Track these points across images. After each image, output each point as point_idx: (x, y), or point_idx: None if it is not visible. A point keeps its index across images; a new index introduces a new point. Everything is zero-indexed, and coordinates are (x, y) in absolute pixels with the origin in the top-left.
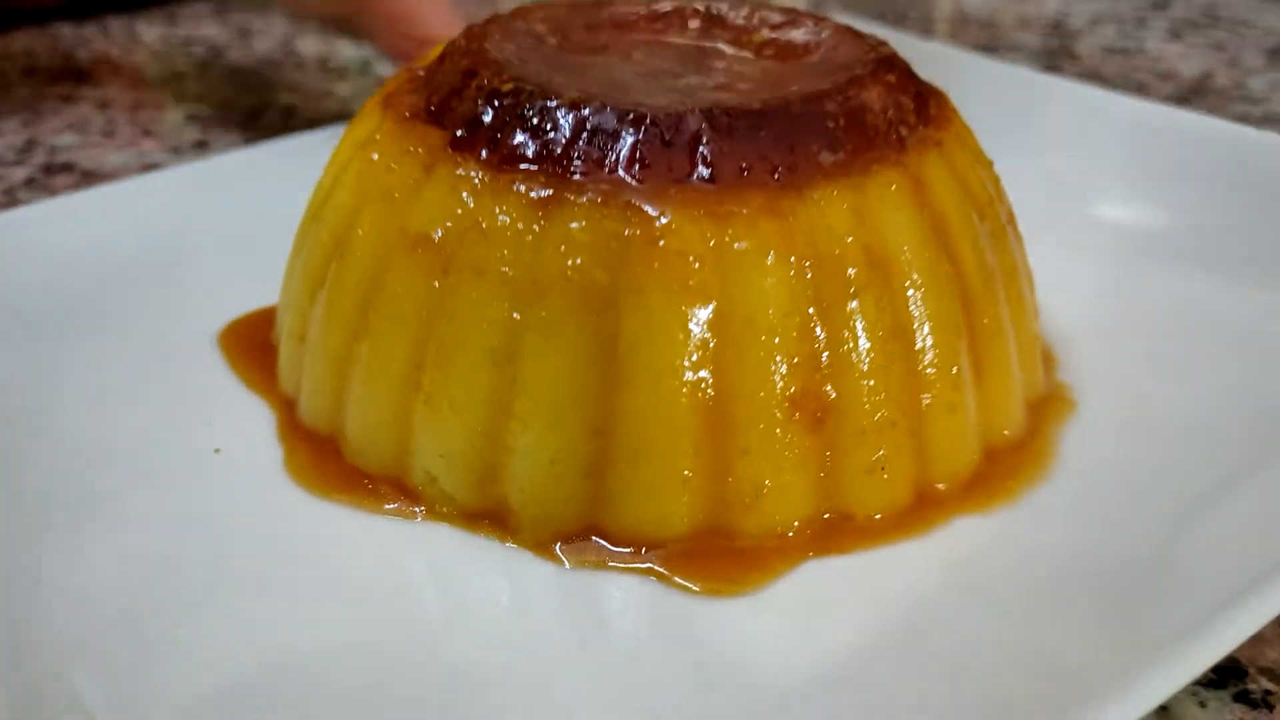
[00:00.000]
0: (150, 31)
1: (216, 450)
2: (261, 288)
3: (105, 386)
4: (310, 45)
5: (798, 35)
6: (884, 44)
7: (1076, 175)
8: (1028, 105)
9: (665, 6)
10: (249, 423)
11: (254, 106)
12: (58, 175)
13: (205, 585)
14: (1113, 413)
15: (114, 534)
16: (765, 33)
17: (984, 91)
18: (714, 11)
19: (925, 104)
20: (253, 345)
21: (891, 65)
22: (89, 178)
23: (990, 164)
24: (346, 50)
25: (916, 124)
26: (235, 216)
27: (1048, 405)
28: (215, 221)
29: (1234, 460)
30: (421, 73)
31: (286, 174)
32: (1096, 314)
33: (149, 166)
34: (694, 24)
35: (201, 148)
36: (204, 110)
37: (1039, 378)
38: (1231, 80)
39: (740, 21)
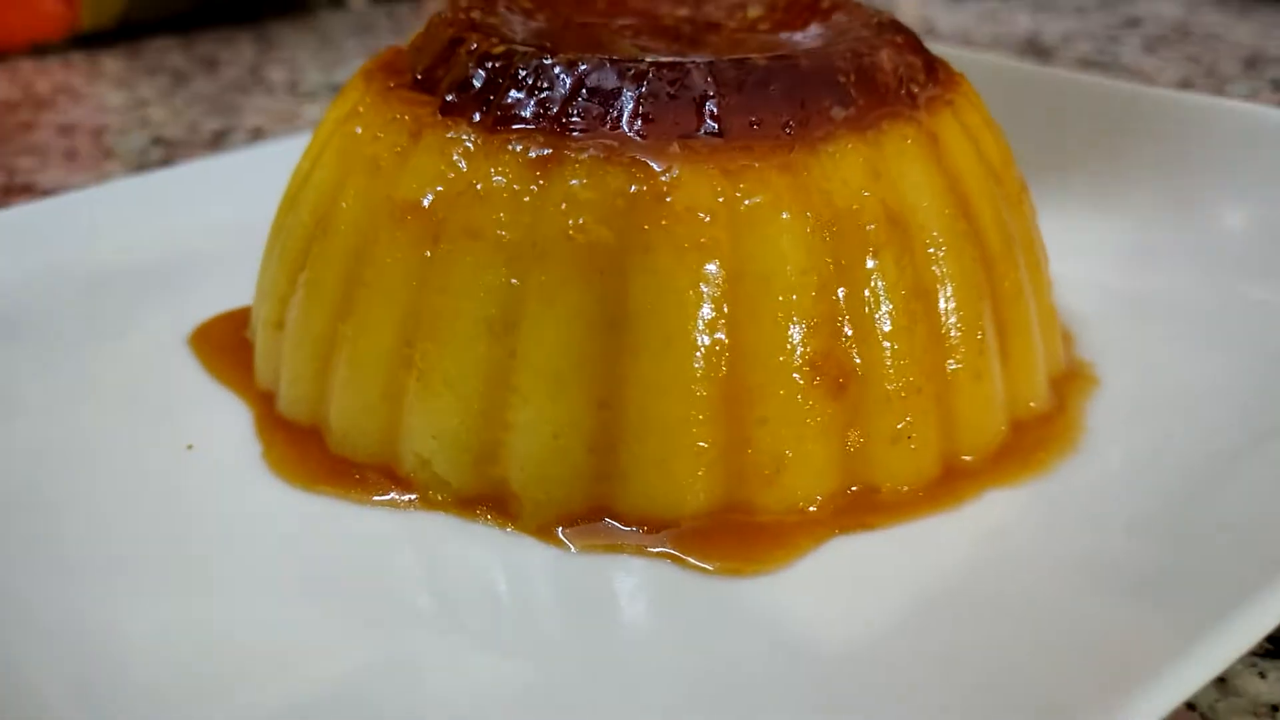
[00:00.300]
0: (113, 64)
1: (189, 446)
2: (232, 292)
3: (71, 388)
4: (278, 72)
5: (794, 8)
6: (885, 12)
7: (1082, 158)
8: (1024, 95)
9: None
10: (223, 418)
11: (221, 129)
12: (17, 196)
13: (182, 585)
14: (1137, 387)
15: (84, 534)
16: (759, 8)
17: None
18: None
19: (933, 66)
20: (225, 344)
21: (898, 28)
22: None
23: (1000, 130)
24: (314, 75)
25: (927, 83)
26: (204, 222)
27: (1070, 381)
28: (184, 227)
29: (1266, 428)
30: (405, 47)
31: (256, 180)
32: (1109, 292)
33: None
34: (685, 2)
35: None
36: (169, 133)
37: (1059, 352)
38: (1211, 88)
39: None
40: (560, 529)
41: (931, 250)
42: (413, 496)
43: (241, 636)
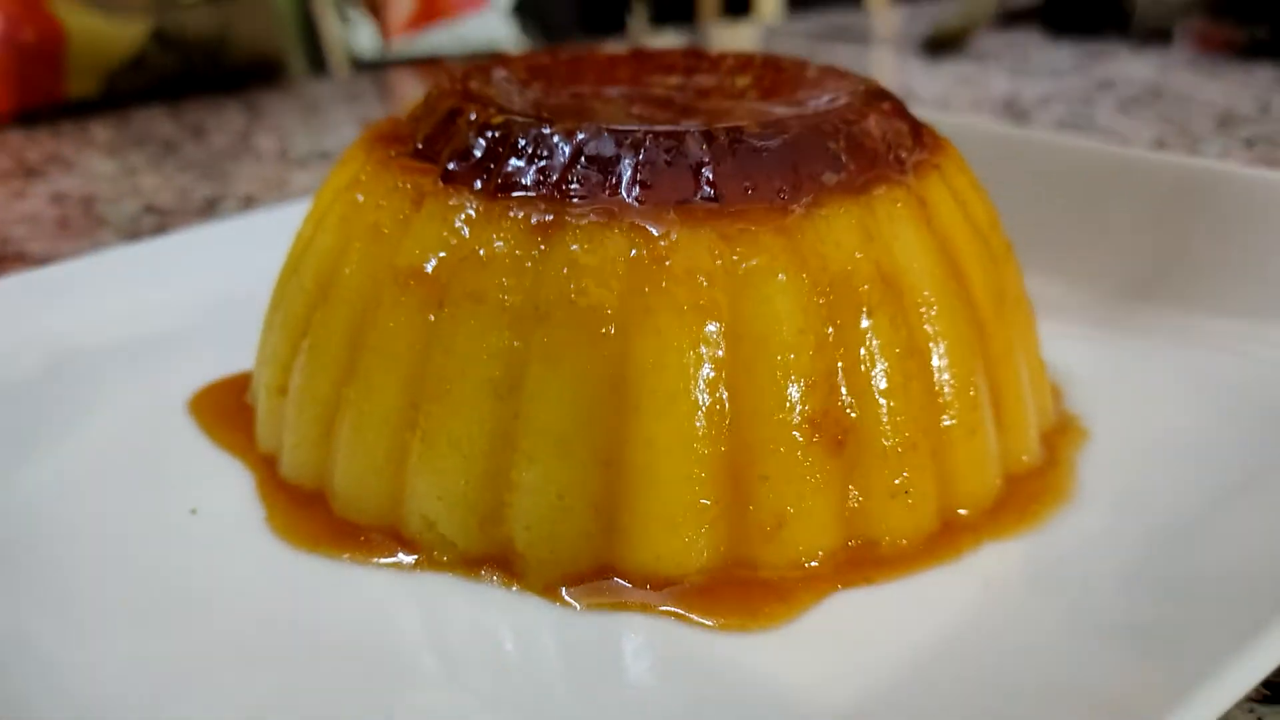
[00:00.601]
0: (103, 132)
1: (192, 511)
2: (229, 358)
3: (71, 455)
4: (267, 139)
5: (781, 76)
6: (870, 79)
7: (1064, 216)
8: (1006, 157)
9: (644, 57)
10: (225, 483)
11: (212, 196)
12: (10, 264)
13: (187, 647)
14: (1126, 438)
15: (91, 595)
16: (748, 77)
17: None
18: (693, 60)
19: (919, 131)
20: (225, 409)
21: (884, 95)
22: (43, 265)
23: (985, 192)
24: (303, 142)
25: (914, 148)
26: (198, 290)
27: (1061, 434)
28: (178, 295)
29: (1252, 476)
30: (403, 116)
31: (249, 248)
32: (1094, 346)
33: None
34: (675, 71)
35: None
36: (161, 201)
37: (1049, 406)
38: (1185, 146)
39: (719, 68)
40: (565, 587)
41: (924, 310)
42: (418, 558)
43: (246, 696)
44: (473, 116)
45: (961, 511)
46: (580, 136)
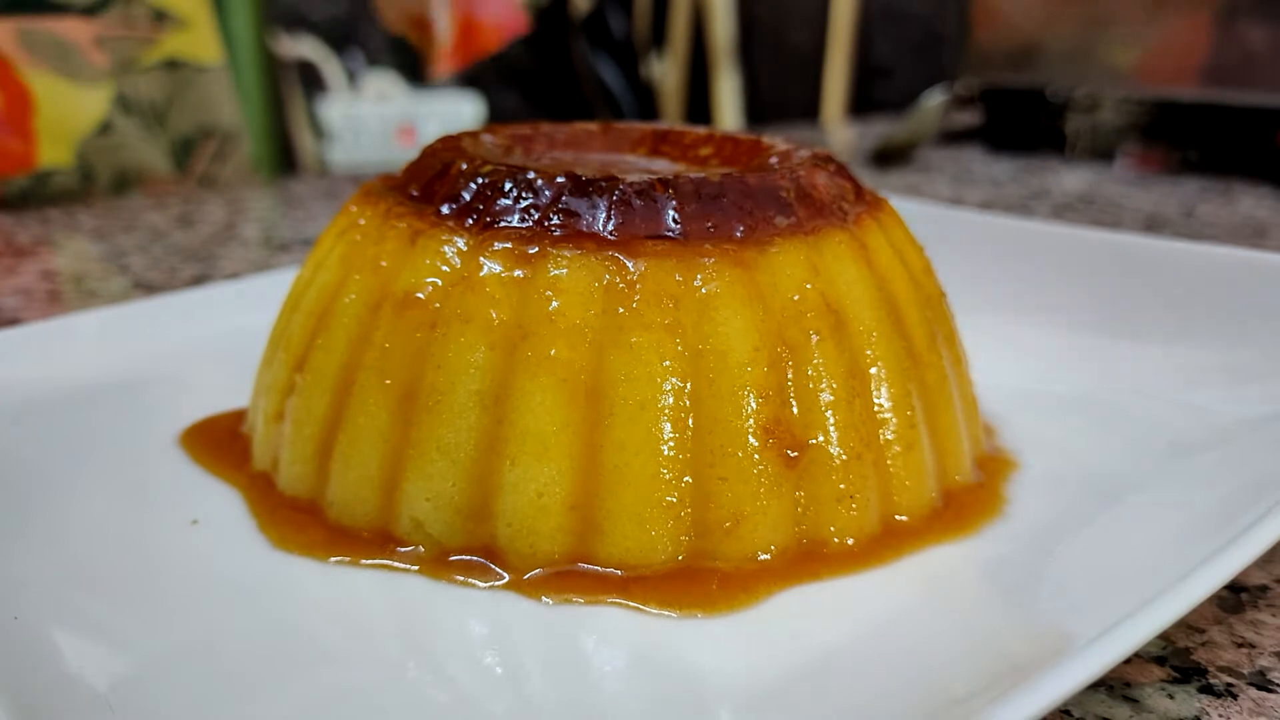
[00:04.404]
0: (90, 221)
1: (193, 522)
2: (216, 403)
3: (70, 480)
4: (251, 229)
5: (740, 146)
6: (820, 148)
7: (1002, 287)
8: (947, 233)
9: (618, 130)
10: (223, 500)
11: (199, 275)
12: (4, 330)
13: (190, 645)
14: (1053, 469)
15: (97, 601)
16: (710, 147)
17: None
18: (661, 134)
19: (861, 190)
20: (216, 440)
21: (830, 159)
22: None
23: (921, 247)
24: (286, 230)
25: (857, 202)
26: (188, 344)
27: (993, 462)
28: (170, 348)
29: (1150, 500)
30: (398, 173)
31: (239, 307)
32: (1027, 395)
33: None
34: (646, 142)
35: None
36: (150, 279)
37: (980, 437)
38: None
39: (685, 141)
40: (542, 580)
41: (865, 337)
42: (406, 550)
43: (243, 687)
44: (464, 167)
45: (901, 518)
46: (560, 181)
